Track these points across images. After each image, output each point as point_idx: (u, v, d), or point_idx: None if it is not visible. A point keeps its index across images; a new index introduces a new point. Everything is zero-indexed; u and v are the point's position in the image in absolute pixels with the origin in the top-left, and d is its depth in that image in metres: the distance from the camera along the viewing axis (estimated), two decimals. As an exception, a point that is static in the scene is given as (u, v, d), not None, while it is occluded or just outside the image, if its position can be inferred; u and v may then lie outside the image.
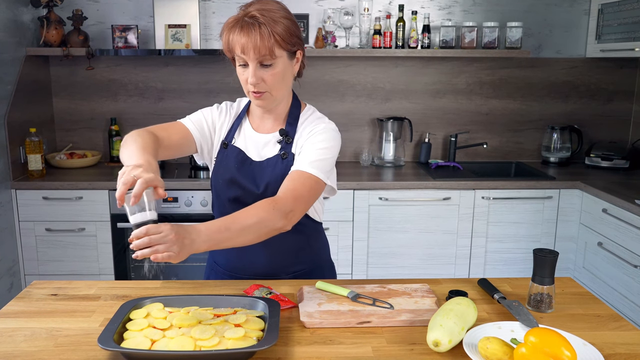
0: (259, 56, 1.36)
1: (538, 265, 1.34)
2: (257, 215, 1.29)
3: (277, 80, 1.41)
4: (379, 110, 3.47)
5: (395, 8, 3.32)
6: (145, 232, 1.12)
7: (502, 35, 3.31)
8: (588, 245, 2.89)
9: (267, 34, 1.35)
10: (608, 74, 3.47)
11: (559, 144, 3.39)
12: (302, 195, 1.38)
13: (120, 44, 3.16)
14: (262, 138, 1.53)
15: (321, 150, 1.43)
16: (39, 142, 2.95)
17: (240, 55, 1.38)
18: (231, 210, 1.47)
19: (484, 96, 3.48)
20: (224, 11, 3.31)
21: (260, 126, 1.55)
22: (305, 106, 1.57)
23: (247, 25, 1.36)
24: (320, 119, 1.54)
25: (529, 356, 1.03)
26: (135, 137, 1.36)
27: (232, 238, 1.26)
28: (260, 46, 1.34)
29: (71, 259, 2.93)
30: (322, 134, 1.46)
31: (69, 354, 1.14)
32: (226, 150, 1.54)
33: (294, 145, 1.50)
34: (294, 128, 1.52)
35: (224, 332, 1.14)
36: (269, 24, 1.35)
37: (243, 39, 1.35)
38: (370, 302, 1.35)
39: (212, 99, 3.35)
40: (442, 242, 3.01)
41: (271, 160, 1.50)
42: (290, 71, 1.45)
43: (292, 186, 1.38)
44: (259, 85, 1.39)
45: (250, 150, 1.53)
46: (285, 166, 1.48)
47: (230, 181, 1.51)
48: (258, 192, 1.48)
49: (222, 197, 1.54)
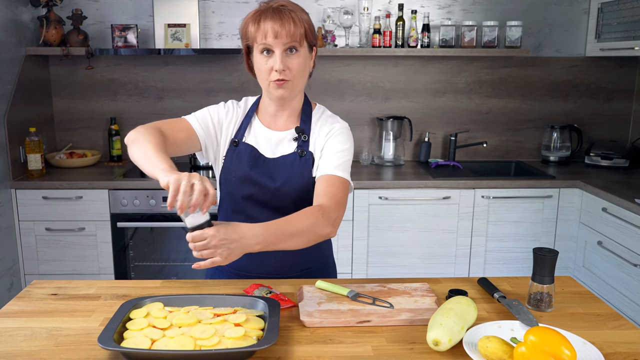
0: (290, 41, 1.39)
1: (538, 264, 1.34)
2: (308, 221, 1.34)
3: (301, 70, 1.44)
4: (379, 110, 3.47)
5: (394, 7, 3.32)
6: (191, 239, 1.19)
7: (501, 34, 3.31)
8: (588, 244, 2.89)
9: (299, 20, 1.40)
10: (608, 73, 3.47)
11: (559, 143, 3.39)
12: (342, 200, 1.44)
13: (120, 44, 3.15)
14: (275, 135, 1.54)
15: (342, 152, 1.50)
16: (38, 142, 2.95)
17: (268, 42, 1.39)
18: (245, 208, 1.51)
19: (484, 95, 3.48)
20: (223, 10, 3.31)
21: (272, 123, 1.55)
22: (315, 105, 1.60)
23: (279, 12, 1.39)
24: (333, 117, 1.58)
25: (528, 355, 1.03)
26: (147, 136, 1.35)
27: (283, 241, 1.31)
28: (294, 31, 1.38)
29: (71, 258, 2.93)
30: (340, 134, 1.51)
31: (69, 353, 1.14)
32: (237, 148, 1.53)
33: (311, 144, 1.52)
34: (308, 126, 1.54)
35: (224, 331, 1.14)
36: (299, 13, 1.41)
37: (276, 24, 1.38)
38: (370, 302, 1.35)
39: (212, 99, 3.35)
40: (442, 241, 3.01)
41: (287, 157, 1.51)
42: (309, 65, 1.48)
43: (332, 192, 1.42)
44: (285, 72, 1.41)
45: (263, 147, 1.53)
46: (303, 164, 1.50)
47: (245, 178, 1.51)
48: (274, 186, 1.49)
49: (234, 194, 1.53)
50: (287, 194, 1.50)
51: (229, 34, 3.33)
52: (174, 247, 3.01)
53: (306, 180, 1.50)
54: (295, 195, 1.50)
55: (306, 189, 1.51)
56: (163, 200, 2.86)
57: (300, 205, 1.50)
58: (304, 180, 1.50)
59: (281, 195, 1.50)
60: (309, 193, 1.50)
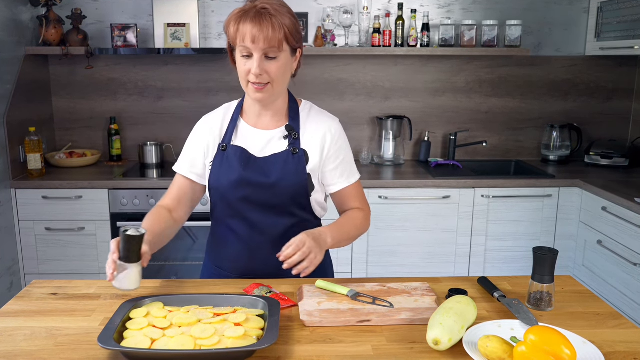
0: (268, 47, 1.38)
1: (538, 264, 1.34)
2: (362, 225, 1.58)
3: (281, 74, 1.43)
4: (379, 109, 3.47)
5: (394, 6, 3.32)
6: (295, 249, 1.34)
7: (501, 33, 3.31)
8: (588, 243, 2.89)
9: (278, 25, 1.38)
10: (607, 72, 3.46)
11: (559, 142, 3.39)
12: (365, 197, 1.64)
13: (120, 43, 3.15)
14: (263, 134, 1.54)
15: (348, 155, 1.60)
16: (38, 142, 2.95)
17: (247, 45, 1.39)
18: (241, 210, 1.53)
19: (484, 94, 3.47)
20: (223, 10, 3.31)
21: (258, 123, 1.55)
22: (301, 102, 1.60)
23: (259, 15, 1.38)
24: (322, 113, 1.59)
25: (528, 354, 1.03)
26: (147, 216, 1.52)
27: (345, 240, 1.53)
28: (272, 37, 1.37)
29: (71, 258, 2.93)
30: (340, 137, 1.58)
31: (69, 353, 1.14)
32: (225, 152, 1.53)
33: (302, 141, 1.53)
34: (297, 123, 1.54)
35: (224, 331, 1.14)
36: (280, 17, 1.39)
37: (255, 28, 1.37)
38: (370, 301, 1.35)
39: (212, 98, 3.35)
40: (441, 241, 3.01)
41: (279, 155, 1.51)
42: (290, 68, 1.47)
43: (359, 195, 1.62)
44: (262, 77, 1.41)
45: (252, 147, 1.53)
46: (297, 161, 1.50)
47: (239, 181, 1.50)
48: (269, 182, 1.49)
49: (229, 198, 1.53)
50: (283, 192, 1.50)
51: (228, 33, 3.33)
52: (174, 246, 3.01)
53: (301, 177, 1.51)
54: (291, 193, 1.51)
55: (301, 186, 1.51)
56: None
57: (297, 203, 1.52)
58: (299, 177, 1.51)
59: (277, 192, 1.50)
60: (305, 190, 1.52)
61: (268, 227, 1.53)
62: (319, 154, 1.53)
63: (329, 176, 1.57)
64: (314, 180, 1.54)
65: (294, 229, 1.52)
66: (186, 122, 3.39)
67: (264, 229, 1.53)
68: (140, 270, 1.31)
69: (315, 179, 1.55)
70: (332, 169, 1.56)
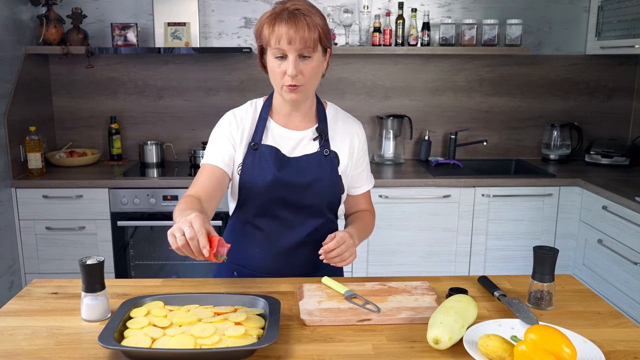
0: (304, 47, 1.38)
1: (538, 263, 1.34)
2: (373, 226, 1.66)
3: (314, 74, 1.44)
4: (379, 108, 3.47)
5: (394, 5, 3.32)
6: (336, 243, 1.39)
7: (501, 32, 3.30)
8: (588, 242, 2.89)
9: (312, 25, 1.39)
10: (608, 71, 3.46)
11: (559, 141, 3.38)
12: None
13: (120, 42, 3.15)
14: (295, 134, 1.55)
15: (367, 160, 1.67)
16: (38, 141, 2.95)
17: (282, 47, 1.38)
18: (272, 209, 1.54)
19: (484, 93, 3.47)
20: (223, 9, 3.31)
21: (289, 123, 1.56)
22: (327, 104, 1.62)
23: (294, 16, 1.39)
24: (348, 117, 1.65)
25: (529, 353, 1.03)
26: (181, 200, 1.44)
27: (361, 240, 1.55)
28: (307, 37, 1.38)
29: (71, 257, 2.93)
30: (365, 142, 1.64)
31: (69, 352, 1.14)
32: (257, 150, 1.52)
33: (332, 143, 1.55)
34: (325, 125, 1.56)
35: (224, 330, 1.14)
36: (313, 17, 1.40)
37: (291, 29, 1.37)
38: (361, 303, 1.34)
39: (212, 97, 3.35)
40: (442, 240, 3.01)
41: (312, 157, 1.52)
42: (321, 68, 1.48)
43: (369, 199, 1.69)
44: (297, 78, 1.41)
45: (283, 147, 1.53)
46: (329, 162, 1.53)
47: (274, 182, 1.49)
48: (305, 182, 1.50)
49: (262, 198, 1.51)
50: (319, 192, 1.51)
51: (228, 32, 3.33)
52: (174, 245, 3.01)
53: (335, 178, 1.54)
54: (326, 194, 1.53)
55: (336, 187, 1.54)
56: (163, 200, 2.86)
57: (329, 203, 1.56)
58: (333, 178, 1.53)
59: (313, 193, 1.51)
60: (339, 191, 1.56)
61: (298, 227, 1.54)
62: (347, 157, 1.57)
63: (357, 179, 1.63)
64: (343, 181, 1.57)
65: (321, 229, 1.54)
66: (186, 121, 3.40)
67: (293, 229, 1.54)
68: (106, 298, 1.28)
69: (345, 180, 1.58)
70: (360, 172, 1.62)
